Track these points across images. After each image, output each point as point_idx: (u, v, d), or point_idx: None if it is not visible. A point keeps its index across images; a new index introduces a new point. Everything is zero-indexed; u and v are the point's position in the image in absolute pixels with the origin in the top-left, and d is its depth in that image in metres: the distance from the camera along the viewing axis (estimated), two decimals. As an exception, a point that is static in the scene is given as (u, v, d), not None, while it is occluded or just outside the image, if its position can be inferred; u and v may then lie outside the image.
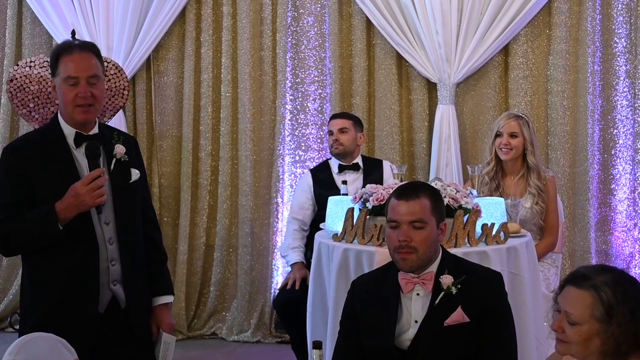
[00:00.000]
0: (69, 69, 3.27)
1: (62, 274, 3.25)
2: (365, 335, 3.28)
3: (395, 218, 3.22)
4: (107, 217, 3.33)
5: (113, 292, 3.34)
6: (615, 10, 5.86)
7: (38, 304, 3.30)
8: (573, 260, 5.93)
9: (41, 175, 3.25)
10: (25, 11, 6.43)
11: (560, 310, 2.55)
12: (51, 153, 3.29)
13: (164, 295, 3.59)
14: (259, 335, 6.15)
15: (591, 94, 5.85)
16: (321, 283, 4.20)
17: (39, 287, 3.30)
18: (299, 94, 6.24)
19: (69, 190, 3.19)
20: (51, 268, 3.26)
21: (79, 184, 3.18)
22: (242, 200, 6.22)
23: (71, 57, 3.29)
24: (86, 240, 3.27)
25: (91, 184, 3.18)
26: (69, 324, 3.19)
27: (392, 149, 6.04)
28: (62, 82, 3.28)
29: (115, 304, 3.36)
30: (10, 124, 6.43)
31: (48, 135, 3.35)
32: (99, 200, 3.22)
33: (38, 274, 3.30)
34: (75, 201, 3.17)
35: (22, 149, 3.34)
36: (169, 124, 6.37)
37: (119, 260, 3.34)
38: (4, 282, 6.45)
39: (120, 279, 3.35)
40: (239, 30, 6.21)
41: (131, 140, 3.56)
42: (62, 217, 3.18)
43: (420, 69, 5.96)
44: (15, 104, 5.58)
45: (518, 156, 4.92)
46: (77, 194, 3.17)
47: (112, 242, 3.33)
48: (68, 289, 3.25)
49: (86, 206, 3.20)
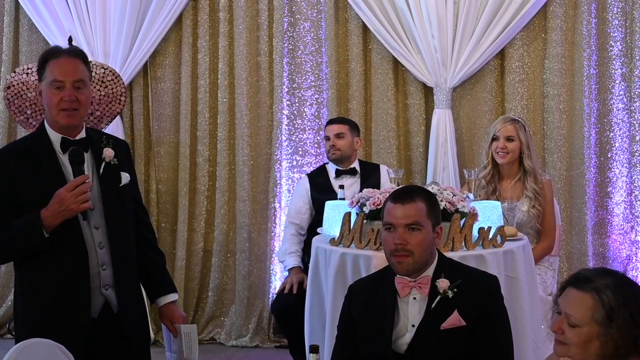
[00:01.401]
0: (55, 72, 3.27)
1: (53, 281, 3.24)
2: (363, 340, 3.29)
3: (391, 221, 3.23)
4: (97, 222, 3.32)
5: (105, 296, 3.33)
6: (610, 14, 5.88)
7: (30, 311, 3.28)
8: (570, 264, 5.94)
9: (28, 183, 3.24)
10: (23, 18, 6.43)
11: (561, 311, 2.55)
12: (38, 160, 3.27)
13: (170, 294, 3.59)
14: (257, 340, 6.15)
15: (587, 98, 5.87)
16: (318, 287, 4.21)
17: (31, 294, 3.29)
18: (296, 99, 6.25)
19: (53, 197, 3.17)
20: (42, 275, 3.25)
21: (63, 190, 3.17)
22: (240, 205, 6.22)
23: (58, 62, 3.30)
24: (75, 246, 3.25)
25: (75, 189, 3.17)
26: (62, 330, 3.18)
27: (389, 154, 6.05)
28: (48, 86, 3.28)
29: (108, 309, 3.35)
30: (8, 130, 6.43)
31: (35, 142, 3.34)
32: (84, 206, 3.19)
33: (29, 282, 3.29)
34: (59, 208, 3.15)
35: (7, 157, 3.32)
36: (166, 130, 6.38)
37: (110, 265, 3.33)
38: (2, 288, 6.45)
39: (112, 283, 3.34)
40: (235, 36, 6.22)
41: (122, 144, 3.53)
42: (47, 224, 3.16)
43: (416, 74, 5.97)
44: (13, 111, 5.59)
45: (514, 160, 4.93)
46: (61, 200, 3.15)
47: (102, 246, 3.32)
48: (59, 295, 3.23)
49: (71, 212, 3.18)
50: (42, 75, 3.32)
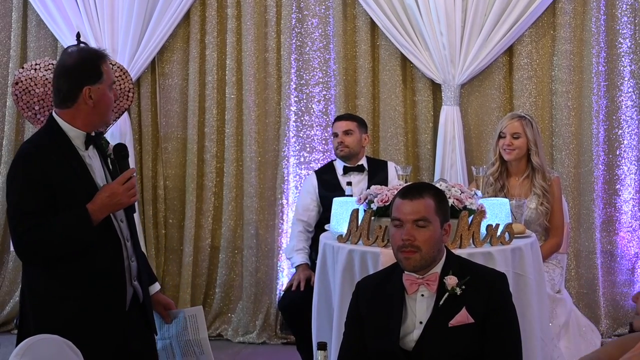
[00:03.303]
0: (111, 75, 3.40)
1: (90, 276, 3.26)
2: (370, 337, 3.29)
3: (399, 217, 3.23)
4: (121, 216, 3.39)
5: (134, 288, 3.41)
6: (619, 11, 5.86)
7: (61, 308, 3.26)
8: (578, 261, 5.93)
9: (60, 181, 3.24)
10: (31, 14, 6.44)
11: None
12: (64, 157, 3.29)
13: (156, 283, 3.67)
14: (265, 337, 6.15)
15: (596, 95, 5.85)
16: (326, 284, 4.20)
17: (63, 291, 3.27)
18: (304, 96, 6.25)
19: (102, 191, 3.24)
20: (77, 271, 3.26)
21: (115, 183, 3.26)
22: (247, 202, 6.22)
23: (108, 63, 3.40)
24: (111, 240, 3.31)
25: (126, 183, 3.26)
26: (99, 324, 3.23)
27: (396, 150, 6.04)
28: (108, 88, 3.36)
29: (135, 300, 3.42)
30: (16, 126, 6.42)
31: (54, 139, 3.35)
32: (134, 199, 3.31)
33: (61, 279, 3.28)
34: (110, 201, 3.23)
35: (38, 155, 3.30)
36: (173, 126, 6.38)
37: (134, 257, 3.41)
38: (9, 284, 6.45)
39: (136, 275, 3.42)
40: (243, 32, 6.22)
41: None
42: (94, 218, 3.22)
43: (424, 70, 5.96)
44: (21, 107, 5.60)
45: (521, 157, 4.93)
46: (113, 194, 3.23)
47: (128, 239, 3.40)
48: (96, 289, 3.26)
49: (121, 205, 3.28)
50: (101, 78, 3.34)
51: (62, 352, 2.58)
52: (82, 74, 3.35)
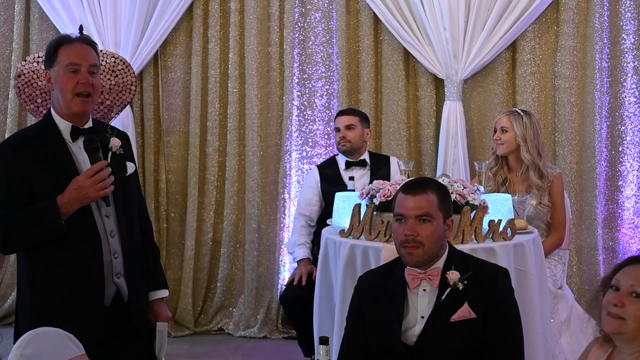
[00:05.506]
0: (71, 56, 3.30)
1: (67, 270, 3.24)
2: (372, 331, 3.29)
3: (402, 212, 3.23)
4: (107, 210, 3.33)
5: (117, 285, 3.35)
6: (623, 7, 5.85)
7: (43, 302, 3.28)
8: (580, 257, 5.92)
9: (40, 171, 3.24)
10: (33, 7, 6.43)
11: (620, 286, 2.62)
12: (48, 148, 3.28)
13: (161, 290, 3.62)
14: (266, 331, 6.16)
15: (599, 91, 5.84)
16: (328, 279, 4.20)
17: (43, 285, 3.28)
18: (306, 90, 6.25)
19: (70, 184, 3.18)
20: (55, 265, 3.25)
21: (82, 177, 3.19)
22: (249, 196, 6.22)
23: (72, 46, 3.32)
24: (89, 234, 3.27)
25: (94, 176, 3.18)
26: (76, 319, 3.19)
27: (399, 145, 6.04)
28: (63, 70, 3.28)
29: (119, 298, 3.37)
30: (18, 119, 6.43)
31: (43, 130, 3.34)
32: (103, 192, 3.21)
33: (40, 272, 3.28)
34: (77, 194, 3.17)
35: (19, 145, 3.32)
36: (176, 120, 6.38)
37: (121, 253, 3.35)
38: (11, 277, 6.45)
39: (122, 272, 3.36)
40: (246, 26, 6.21)
41: (124, 135, 3.55)
42: (63, 211, 3.17)
43: (427, 65, 5.96)
44: (23, 99, 5.60)
45: (511, 151, 4.92)
46: (79, 187, 3.17)
47: (114, 234, 3.34)
48: (74, 284, 3.25)
49: (89, 199, 3.21)
50: (54, 61, 3.32)
51: (63, 344, 2.58)
52: (45, 60, 3.37)
